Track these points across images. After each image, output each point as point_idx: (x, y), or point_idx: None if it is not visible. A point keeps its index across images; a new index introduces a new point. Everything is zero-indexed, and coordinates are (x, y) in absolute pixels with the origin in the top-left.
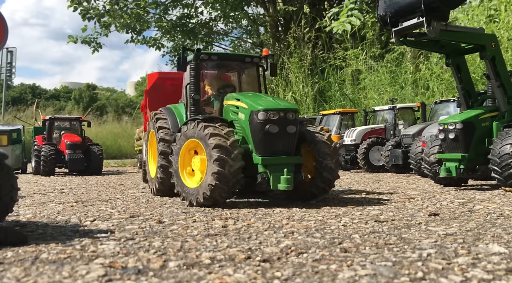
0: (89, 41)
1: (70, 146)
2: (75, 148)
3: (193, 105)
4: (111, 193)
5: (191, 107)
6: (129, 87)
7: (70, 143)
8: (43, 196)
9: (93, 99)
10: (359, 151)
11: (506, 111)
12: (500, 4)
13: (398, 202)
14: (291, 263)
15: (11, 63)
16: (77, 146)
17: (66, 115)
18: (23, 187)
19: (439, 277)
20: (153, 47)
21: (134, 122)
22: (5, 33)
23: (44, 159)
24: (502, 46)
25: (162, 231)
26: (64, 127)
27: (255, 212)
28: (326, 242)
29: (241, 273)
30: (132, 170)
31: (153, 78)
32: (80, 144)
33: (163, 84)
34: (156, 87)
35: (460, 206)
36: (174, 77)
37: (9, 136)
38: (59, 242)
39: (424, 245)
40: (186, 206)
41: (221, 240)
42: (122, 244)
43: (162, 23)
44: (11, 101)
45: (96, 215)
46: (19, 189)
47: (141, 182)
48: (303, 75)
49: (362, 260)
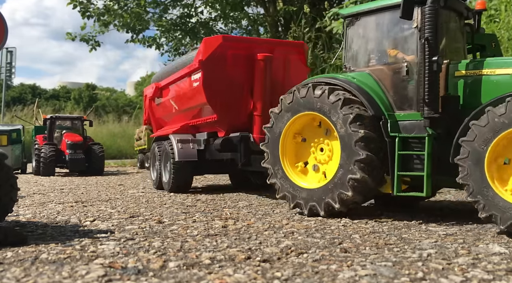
0: (87, 39)
1: (71, 146)
2: (76, 148)
3: (432, 77)
4: (111, 193)
5: (428, 79)
6: (129, 87)
7: (71, 142)
8: (43, 196)
9: (92, 99)
10: None
11: None
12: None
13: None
14: (291, 263)
15: (10, 63)
16: (78, 146)
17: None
18: (23, 187)
19: (439, 277)
20: (151, 47)
21: (135, 123)
22: (5, 33)
23: (44, 159)
24: (502, 46)
25: (162, 231)
26: (65, 126)
27: (255, 212)
28: (326, 242)
29: (241, 273)
30: (132, 170)
31: (214, 43)
32: (81, 143)
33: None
34: (218, 57)
35: (460, 206)
36: (240, 46)
37: (9, 136)
38: (59, 242)
39: (424, 245)
40: (186, 207)
41: (221, 240)
42: (122, 244)
43: (162, 22)
44: (11, 101)
45: (96, 215)
46: (19, 189)
47: (141, 182)
48: None
49: (362, 260)
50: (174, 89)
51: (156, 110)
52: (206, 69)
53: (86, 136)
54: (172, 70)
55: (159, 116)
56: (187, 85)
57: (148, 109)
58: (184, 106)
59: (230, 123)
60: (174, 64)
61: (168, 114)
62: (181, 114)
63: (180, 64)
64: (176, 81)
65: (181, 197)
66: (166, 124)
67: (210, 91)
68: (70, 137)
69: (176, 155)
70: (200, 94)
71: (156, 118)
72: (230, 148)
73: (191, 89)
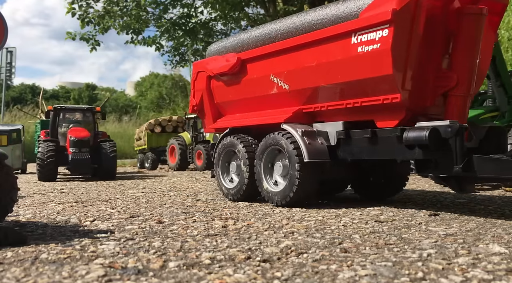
0: (87, 38)
1: (74, 143)
2: (81, 146)
3: None
4: (110, 193)
5: None
6: (129, 87)
7: (75, 139)
8: (43, 196)
9: (92, 99)
10: None
11: (506, 111)
12: None
13: (398, 202)
14: (291, 263)
15: (10, 63)
16: (83, 143)
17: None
18: (23, 187)
19: (439, 277)
20: (150, 45)
21: (135, 123)
22: (4, 33)
23: (41, 160)
24: (502, 46)
25: (162, 231)
26: (74, 120)
27: (255, 212)
28: (326, 242)
29: (241, 273)
30: (132, 170)
31: None
32: (87, 140)
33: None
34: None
35: (460, 206)
36: None
37: (9, 136)
38: (59, 242)
39: (424, 245)
40: (186, 207)
41: (221, 240)
42: (122, 244)
43: (162, 23)
44: (12, 101)
45: (96, 215)
46: (19, 189)
47: (141, 182)
48: None
49: (362, 260)
50: (286, 59)
51: (223, 92)
52: (399, 24)
53: (98, 131)
54: (276, 34)
55: (229, 99)
56: (338, 51)
57: (202, 91)
58: (312, 82)
59: (415, 106)
60: (278, 27)
61: (252, 97)
62: (291, 95)
63: (308, 23)
64: (297, 48)
65: (181, 197)
66: (240, 111)
67: (399, 58)
68: (74, 133)
69: (306, 154)
70: (378, 61)
71: (219, 103)
72: (437, 144)
73: (350, 57)
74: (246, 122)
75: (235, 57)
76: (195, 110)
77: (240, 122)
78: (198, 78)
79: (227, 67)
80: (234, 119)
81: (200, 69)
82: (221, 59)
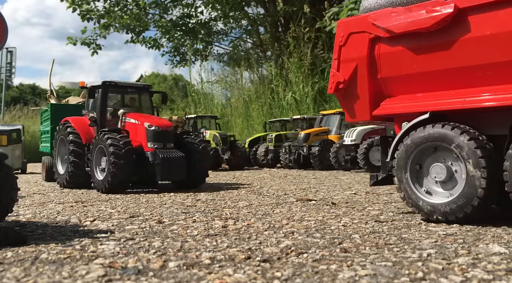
0: (88, 43)
1: (156, 136)
2: (166, 140)
3: None
4: (110, 193)
5: None
6: None
7: (157, 129)
8: (43, 196)
9: None
10: (359, 151)
11: None
12: None
13: (398, 202)
14: (291, 263)
15: (10, 63)
16: (168, 136)
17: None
18: (23, 187)
19: (439, 277)
20: (152, 48)
21: None
22: (4, 33)
23: (117, 157)
24: None
25: (162, 231)
26: (125, 104)
27: (255, 212)
28: (326, 242)
29: (241, 273)
30: None
31: None
32: (171, 131)
33: None
34: None
35: None
36: None
37: (9, 136)
38: (59, 242)
39: (424, 245)
40: (186, 207)
41: (221, 240)
42: (122, 244)
43: (162, 23)
44: (12, 101)
45: (96, 215)
46: (19, 189)
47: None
48: (303, 75)
49: (362, 260)
50: None
51: (404, 61)
52: None
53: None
54: None
55: (418, 71)
56: None
57: (358, 61)
58: None
59: None
60: None
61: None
62: None
63: None
64: None
65: (181, 197)
66: (436, 88)
67: None
68: (151, 120)
69: None
70: None
71: (389, 78)
72: None
73: None
74: (471, 103)
75: (447, 6)
76: (339, 90)
77: (454, 103)
78: (351, 43)
79: (428, 21)
80: (431, 99)
81: (356, 29)
82: (405, 12)
